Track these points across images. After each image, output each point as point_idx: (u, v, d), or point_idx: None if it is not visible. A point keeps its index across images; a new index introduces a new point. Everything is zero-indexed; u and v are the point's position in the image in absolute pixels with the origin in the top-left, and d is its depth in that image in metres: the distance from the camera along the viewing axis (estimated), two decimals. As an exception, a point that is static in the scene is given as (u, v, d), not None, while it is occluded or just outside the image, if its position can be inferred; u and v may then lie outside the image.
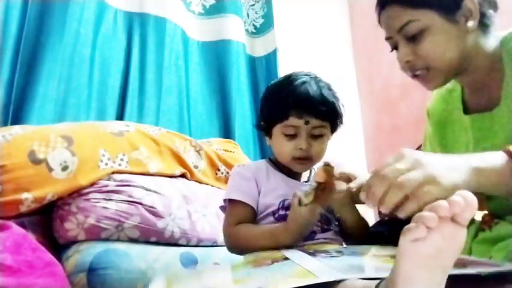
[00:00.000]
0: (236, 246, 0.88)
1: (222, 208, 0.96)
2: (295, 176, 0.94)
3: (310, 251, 0.72)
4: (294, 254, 0.69)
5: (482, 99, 0.84)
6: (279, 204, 0.88)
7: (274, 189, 0.90)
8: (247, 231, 0.86)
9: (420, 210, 0.46)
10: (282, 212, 0.87)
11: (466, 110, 0.87)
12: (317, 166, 0.97)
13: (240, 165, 0.99)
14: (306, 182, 0.94)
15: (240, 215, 0.88)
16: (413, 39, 0.78)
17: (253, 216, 0.89)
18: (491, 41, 0.81)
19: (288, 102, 0.87)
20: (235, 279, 0.63)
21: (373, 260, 0.68)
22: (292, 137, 0.88)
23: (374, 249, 0.76)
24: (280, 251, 0.74)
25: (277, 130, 0.90)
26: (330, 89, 0.91)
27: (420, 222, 0.43)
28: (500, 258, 0.67)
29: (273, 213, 0.88)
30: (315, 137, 0.88)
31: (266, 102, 0.94)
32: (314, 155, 0.89)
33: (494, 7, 0.80)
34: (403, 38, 0.80)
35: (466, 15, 0.77)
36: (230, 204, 0.91)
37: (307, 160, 0.89)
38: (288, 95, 0.87)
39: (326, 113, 0.87)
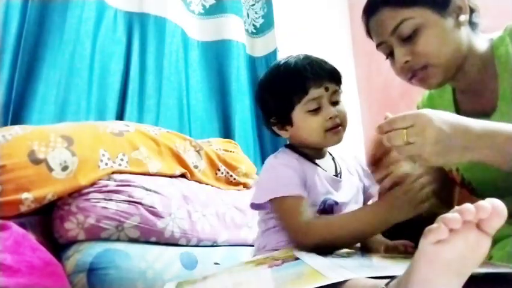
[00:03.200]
0: (319, 240, 0.74)
1: (257, 205, 0.86)
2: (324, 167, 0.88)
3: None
4: (304, 254, 0.68)
5: (477, 104, 0.83)
6: (321, 205, 0.82)
7: (314, 186, 0.83)
8: (329, 221, 0.77)
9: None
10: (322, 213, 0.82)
11: (459, 112, 0.86)
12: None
13: (277, 156, 0.89)
14: (336, 175, 0.89)
15: (306, 210, 0.78)
16: (409, 39, 0.77)
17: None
18: (481, 42, 0.81)
19: (304, 75, 0.83)
20: (247, 281, 0.63)
21: (382, 259, 0.67)
22: (316, 111, 0.83)
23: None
24: (292, 251, 0.73)
25: (298, 112, 0.85)
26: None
27: (442, 223, 0.41)
28: (499, 257, 0.67)
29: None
30: (335, 103, 0.86)
31: (273, 92, 0.88)
32: (343, 120, 0.86)
33: (476, 10, 0.81)
34: (398, 40, 0.79)
35: (456, 11, 0.77)
36: (286, 200, 0.79)
37: (340, 127, 0.85)
38: (297, 71, 0.83)
39: (338, 75, 0.87)
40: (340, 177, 0.89)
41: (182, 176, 1.34)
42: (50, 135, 1.08)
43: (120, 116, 1.49)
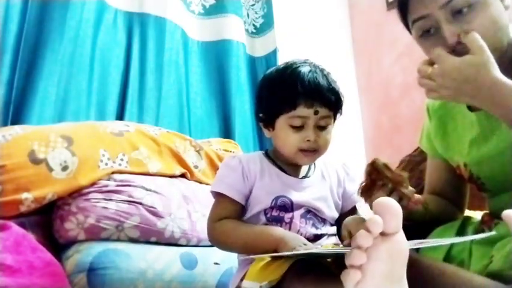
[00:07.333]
0: (217, 243, 0.87)
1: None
2: (291, 171, 0.90)
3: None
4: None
5: None
6: (272, 202, 0.85)
7: (267, 186, 0.86)
8: (232, 228, 0.83)
9: None
10: (275, 213, 0.85)
11: (470, 107, 0.84)
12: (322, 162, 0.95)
13: (233, 156, 0.95)
14: (304, 177, 0.90)
15: (224, 210, 0.85)
16: (460, 15, 0.69)
17: (238, 211, 0.86)
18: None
19: (297, 91, 0.82)
20: None
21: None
22: (299, 128, 0.83)
23: None
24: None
25: (282, 121, 0.85)
26: (332, 77, 0.88)
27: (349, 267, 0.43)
28: (500, 257, 0.67)
29: (265, 212, 0.85)
30: (321, 128, 0.85)
31: (268, 91, 0.88)
32: (321, 146, 0.85)
33: None
34: (449, 14, 0.70)
35: None
36: (216, 197, 0.88)
37: (314, 152, 0.85)
38: (295, 83, 0.82)
39: (334, 102, 0.85)
40: (305, 178, 0.91)
41: (182, 176, 1.34)
42: (50, 135, 1.08)
43: (120, 116, 1.49)
